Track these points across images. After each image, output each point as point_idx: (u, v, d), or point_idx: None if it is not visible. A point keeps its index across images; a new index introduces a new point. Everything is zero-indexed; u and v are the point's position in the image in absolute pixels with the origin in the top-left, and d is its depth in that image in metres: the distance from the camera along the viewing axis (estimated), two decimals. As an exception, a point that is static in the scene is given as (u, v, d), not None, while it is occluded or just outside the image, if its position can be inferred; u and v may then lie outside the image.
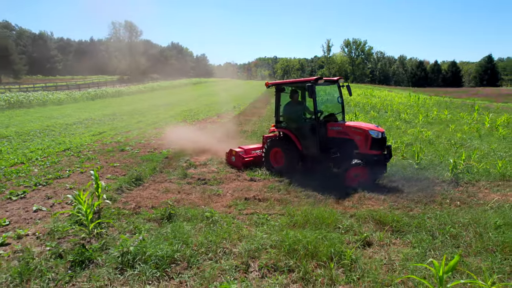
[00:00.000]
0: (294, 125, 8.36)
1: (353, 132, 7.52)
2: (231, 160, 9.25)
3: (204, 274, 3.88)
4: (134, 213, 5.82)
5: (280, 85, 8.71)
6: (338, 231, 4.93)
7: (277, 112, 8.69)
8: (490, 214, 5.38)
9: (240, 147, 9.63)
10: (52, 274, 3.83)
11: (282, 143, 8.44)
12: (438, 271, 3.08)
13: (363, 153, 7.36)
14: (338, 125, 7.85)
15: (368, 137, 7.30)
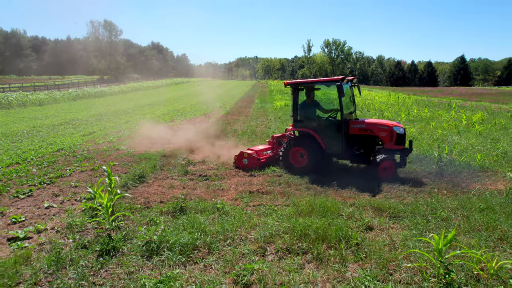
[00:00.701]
0: (315, 124, 8.48)
1: (378, 129, 8.01)
2: (242, 162, 8.99)
3: (225, 258, 4.23)
4: (146, 207, 6.08)
5: (298, 84, 8.75)
6: (342, 218, 5.37)
7: (295, 111, 8.69)
8: (474, 200, 6.00)
9: (250, 149, 9.35)
10: (84, 262, 4.07)
11: (304, 142, 8.43)
12: (438, 244, 3.56)
13: (388, 148, 7.94)
14: (361, 122, 8.23)
15: (393, 133, 7.87)
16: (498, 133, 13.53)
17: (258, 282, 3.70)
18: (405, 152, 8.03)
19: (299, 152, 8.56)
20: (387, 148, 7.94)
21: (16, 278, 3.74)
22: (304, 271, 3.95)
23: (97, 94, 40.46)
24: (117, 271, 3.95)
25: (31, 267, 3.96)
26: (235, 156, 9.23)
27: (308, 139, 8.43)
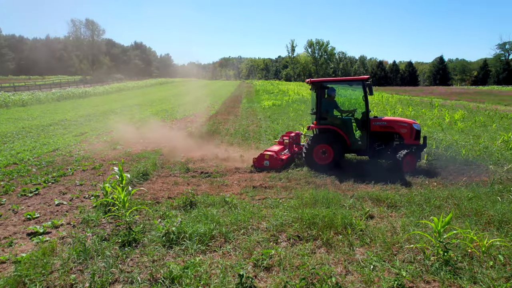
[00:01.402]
0: (339, 122, 8.77)
1: (399, 126, 8.57)
2: (262, 164, 8.81)
3: (242, 245, 4.55)
4: (156, 202, 6.32)
5: (323, 82, 8.92)
6: (344, 208, 5.78)
7: (319, 109, 8.81)
8: (463, 190, 6.55)
9: (269, 150, 9.13)
10: (109, 252, 4.31)
11: (330, 139, 8.64)
12: (437, 226, 3.99)
13: (408, 143, 8.48)
14: (381, 120, 8.70)
15: (412, 130, 8.47)
16: (479, 130, 14.32)
17: (277, 265, 4.03)
18: (421, 148, 8.61)
19: (322, 149, 8.73)
20: (407, 143, 8.49)
21: (48, 267, 3.94)
22: (316, 255, 4.32)
23: (81, 94, 39.84)
24: (142, 260, 4.20)
25: (60, 257, 4.17)
26: (253, 159, 8.97)
27: (333, 136, 8.69)
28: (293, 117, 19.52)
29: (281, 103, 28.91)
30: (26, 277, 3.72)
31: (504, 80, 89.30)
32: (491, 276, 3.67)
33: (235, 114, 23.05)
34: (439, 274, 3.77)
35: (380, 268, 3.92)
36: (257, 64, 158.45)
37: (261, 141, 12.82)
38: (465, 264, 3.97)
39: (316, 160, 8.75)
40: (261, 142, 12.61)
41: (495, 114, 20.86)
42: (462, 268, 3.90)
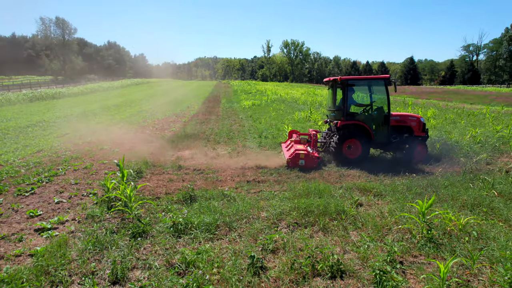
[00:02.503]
0: (363, 117, 9.35)
1: (410, 120, 9.53)
2: (297, 163, 8.72)
3: (246, 233, 4.91)
4: (156, 198, 6.57)
5: (349, 80, 9.34)
6: (335, 197, 6.26)
7: (345, 106, 9.25)
8: (439, 179, 7.24)
9: (300, 149, 9.09)
10: (122, 242, 4.56)
11: (357, 134, 9.14)
12: (422, 208, 4.53)
13: (417, 135, 9.45)
14: (396, 115, 9.55)
15: (421, 123, 9.50)
16: (449, 126, 15.33)
17: (282, 248, 4.43)
18: (425, 138, 9.61)
19: (349, 144, 9.20)
20: (416, 135, 9.43)
21: (67, 258, 4.15)
22: (315, 238, 4.76)
23: (55, 95, 38.68)
24: (155, 248, 4.49)
25: (76, 249, 4.38)
26: (288, 159, 8.82)
27: (361, 130, 9.22)
28: (275, 116, 20.02)
29: (260, 102, 29.40)
30: (48, 266, 3.93)
31: (469, 80, 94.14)
32: (467, 248, 4.23)
33: (216, 114, 23.30)
34: (424, 249, 4.31)
35: (373, 247, 4.41)
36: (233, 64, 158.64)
37: (247, 140, 13.19)
38: (445, 240, 4.53)
39: (346, 155, 9.18)
40: (247, 141, 12.98)
41: (462, 111, 22.22)
42: (443, 243, 4.46)
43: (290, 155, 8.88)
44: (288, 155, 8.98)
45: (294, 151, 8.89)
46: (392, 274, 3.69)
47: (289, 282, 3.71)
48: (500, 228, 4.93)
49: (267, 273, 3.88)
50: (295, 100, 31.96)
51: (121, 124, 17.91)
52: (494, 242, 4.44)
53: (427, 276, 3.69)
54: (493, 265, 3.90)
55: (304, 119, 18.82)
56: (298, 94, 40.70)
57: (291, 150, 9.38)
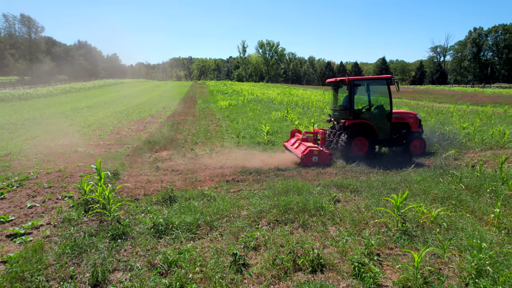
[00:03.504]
0: (368, 115, 9.72)
1: (408, 116, 10.24)
2: (311, 160, 8.91)
3: (227, 231, 4.95)
4: (134, 199, 6.48)
5: (355, 81, 9.66)
6: (313, 195, 6.40)
7: (352, 105, 9.58)
8: (412, 175, 7.55)
9: (313, 147, 9.24)
10: (102, 245, 4.49)
11: (364, 131, 9.55)
12: (396, 202, 4.73)
13: (414, 131, 10.19)
14: (395, 112, 10.05)
15: (417, 119, 10.26)
16: (419, 124, 15.95)
17: (263, 245, 4.50)
18: (421, 134, 10.38)
19: (356, 141, 9.56)
20: (414, 131, 10.10)
21: (43, 263, 4.04)
22: (295, 235, 4.86)
23: (22, 96, 37.06)
24: (136, 250, 4.45)
25: (53, 253, 4.27)
26: (302, 155, 8.95)
27: (367, 128, 9.62)
28: (252, 116, 20.13)
29: (237, 103, 29.42)
30: (23, 272, 3.81)
31: (437, 80, 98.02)
32: (438, 239, 4.46)
33: (193, 115, 23.12)
34: (399, 241, 4.51)
35: (351, 241, 4.56)
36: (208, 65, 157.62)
37: (225, 140, 13.20)
38: (418, 232, 4.76)
39: (355, 151, 9.54)
40: (225, 141, 12.99)
41: (432, 110, 23.17)
42: (417, 235, 4.68)
43: (303, 152, 9.08)
44: (301, 152, 9.17)
45: (307, 148, 9.06)
46: (369, 266, 3.84)
47: (271, 278, 3.79)
48: (468, 219, 5.23)
49: (249, 269, 3.94)
50: (272, 100, 32.20)
51: (95, 126, 17.44)
52: (462, 232, 4.71)
53: (402, 266, 3.87)
54: (461, 253, 4.14)
55: (281, 118, 19.02)
56: (274, 94, 41.01)
57: (300, 148, 9.63)
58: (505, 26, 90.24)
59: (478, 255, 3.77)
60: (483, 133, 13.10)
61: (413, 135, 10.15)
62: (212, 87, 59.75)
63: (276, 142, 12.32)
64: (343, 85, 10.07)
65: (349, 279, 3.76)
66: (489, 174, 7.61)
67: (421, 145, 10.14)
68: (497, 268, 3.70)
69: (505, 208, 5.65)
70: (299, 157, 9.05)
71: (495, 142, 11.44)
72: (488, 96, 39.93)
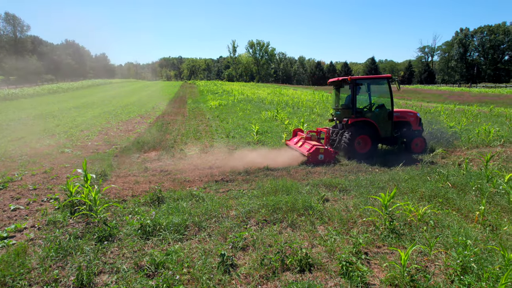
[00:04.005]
0: (370, 114, 9.88)
1: (409, 115, 10.44)
2: (317, 158, 9.07)
3: (216, 231, 4.92)
4: (122, 201, 6.39)
5: (358, 80, 9.77)
6: (302, 194, 6.40)
7: (354, 104, 9.73)
8: (400, 174, 7.61)
9: (319, 145, 9.36)
10: (88, 247, 4.41)
11: (367, 130, 9.69)
12: (384, 200, 4.76)
13: (415, 129, 10.40)
14: (396, 111, 10.22)
15: (417, 118, 10.47)
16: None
17: (251, 245, 4.48)
18: (421, 132, 10.61)
19: (359, 140, 9.73)
20: (414, 129, 10.30)
21: (26, 267, 3.95)
22: (284, 234, 4.85)
23: (7, 96, 36.31)
24: (122, 252, 4.38)
25: (36, 256, 4.18)
26: (308, 153, 9.07)
27: (369, 127, 9.77)
28: (242, 116, 20.09)
29: (227, 103, 29.35)
30: (5, 277, 3.72)
31: (426, 80, 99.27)
32: (425, 236, 4.50)
33: (182, 115, 22.97)
34: (387, 240, 4.54)
35: (340, 240, 4.57)
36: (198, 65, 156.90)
37: (214, 140, 13.14)
38: (406, 230, 4.80)
39: (357, 149, 9.69)
40: (215, 141, 12.92)
41: (420, 109, 23.45)
42: (404, 233, 4.72)
43: (309, 150, 9.17)
44: (306, 150, 9.26)
45: (313, 146, 9.18)
46: (357, 264, 3.86)
47: (260, 278, 3.77)
48: (454, 217, 5.29)
49: (237, 270, 3.91)
50: (262, 100, 32.19)
51: (83, 126, 17.19)
52: (449, 230, 4.77)
53: (389, 264, 3.89)
54: (447, 251, 4.19)
55: (271, 118, 19.03)
56: (264, 94, 41.02)
57: (305, 146, 9.72)
58: (490, 27, 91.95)
59: (463, 252, 3.82)
60: (469, 132, 13.30)
61: (413, 133, 10.35)
62: (202, 87, 59.47)
63: (266, 142, 12.31)
64: (345, 85, 10.27)
65: (337, 278, 3.77)
66: (475, 172, 7.73)
67: (421, 144, 10.34)
68: (481, 264, 3.75)
69: (489, 205, 5.75)
70: (305, 155, 9.21)
71: (481, 140, 11.63)
72: (474, 96, 40.61)
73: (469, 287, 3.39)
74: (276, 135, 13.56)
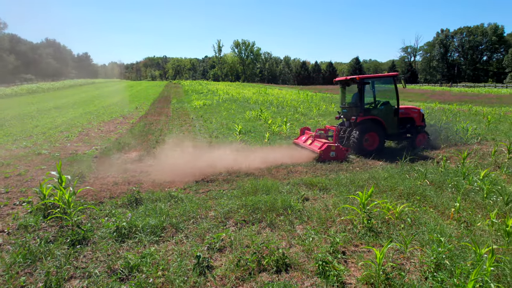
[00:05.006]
0: (377, 112, 10.14)
1: (413, 112, 10.76)
2: (329, 155, 9.18)
3: (193, 233, 4.84)
4: (99, 203, 6.23)
5: (365, 79, 10.07)
6: (282, 193, 6.38)
7: (362, 102, 9.99)
8: (380, 172, 7.68)
9: (329, 142, 9.53)
10: (59, 252, 4.26)
11: (375, 127, 9.98)
12: (362, 199, 4.77)
13: (418, 125, 10.75)
14: (401, 108, 10.51)
15: (420, 114, 10.82)
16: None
17: (229, 246, 4.43)
18: (424, 127, 10.97)
19: (366, 137, 9.98)
20: (417, 125, 10.62)
21: (-8, 273, 3.79)
22: (262, 234, 4.81)
23: (-16, 97, 35.19)
24: (96, 255, 4.25)
25: (3, 263, 4.01)
26: (320, 151, 9.19)
27: (377, 124, 10.08)
28: (226, 116, 19.98)
29: (211, 102, 29.15)
30: (-31, 284, 3.56)
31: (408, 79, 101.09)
32: (402, 234, 4.54)
33: (166, 115, 22.69)
34: (365, 238, 4.55)
35: (317, 239, 4.56)
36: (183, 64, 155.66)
37: (197, 140, 13.00)
38: (383, 228, 4.83)
39: (366, 147, 9.96)
40: (197, 141, 12.79)
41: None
42: (382, 231, 4.74)
43: (320, 147, 9.31)
44: (318, 148, 9.42)
45: (324, 144, 9.32)
46: (333, 264, 3.85)
47: (235, 279, 3.72)
48: (431, 214, 5.37)
49: (213, 272, 3.85)
50: (247, 100, 32.12)
51: (62, 127, 16.77)
52: (425, 227, 4.82)
53: (365, 263, 3.90)
54: (423, 248, 4.23)
55: (255, 118, 18.99)
56: (249, 94, 40.95)
57: (315, 144, 9.85)
58: (469, 29, 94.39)
59: (437, 249, 3.85)
60: (448, 130, 13.56)
61: (417, 129, 10.71)
62: (187, 87, 58.94)
63: (249, 142, 12.26)
64: (352, 83, 10.52)
65: (313, 278, 3.75)
66: (452, 170, 7.87)
67: (425, 138, 10.76)
68: (454, 261, 3.80)
69: (465, 202, 5.85)
70: (317, 152, 9.31)
71: (459, 138, 11.87)
72: (454, 95, 41.55)
73: (442, 283, 3.42)
74: (259, 135, 13.53)
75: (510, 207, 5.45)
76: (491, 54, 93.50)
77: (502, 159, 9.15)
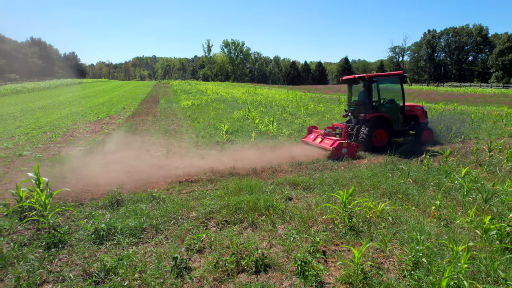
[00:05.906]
0: (384, 109, 10.55)
1: (416, 109, 11.22)
2: (341, 152, 9.30)
3: (173, 234, 4.77)
4: (79, 204, 6.10)
5: (373, 77, 10.43)
6: (266, 193, 6.35)
7: (370, 100, 10.36)
8: (364, 171, 7.71)
9: (341, 140, 9.56)
10: (33, 255, 4.15)
11: (383, 124, 10.35)
12: (343, 198, 4.77)
13: (422, 122, 11.17)
14: (406, 105, 10.86)
15: (424, 111, 11.31)
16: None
17: (208, 247, 4.37)
18: (427, 124, 11.41)
19: (375, 134, 10.33)
20: (421, 122, 10.99)
21: (-38, 279, 3.66)
22: (244, 235, 4.77)
23: (-34, 97, 34.30)
24: (71, 258, 4.15)
25: (-26, 268, 3.88)
26: (332, 148, 9.33)
27: (385, 121, 10.42)
28: (214, 116, 19.88)
29: (200, 102, 29.00)
30: None
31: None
32: (383, 233, 4.55)
33: (153, 115, 22.46)
34: (345, 237, 4.55)
35: (299, 239, 4.54)
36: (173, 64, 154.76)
37: (183, 140, 12.90)
38: (365, 227, 4.83)
39: (374, 143, 10.33)
40: (184, 141, 12.69)
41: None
42: (363, 230, 4.74)
43: (332, 144, 9.48)
44: (329, 145, 9.60)
45: (336, 141, 9.49)
46: (313, 263, 3.82)
47: (213, 281, 3.67)
48: (412, 212, 5.40)
49: (191, 273, 3.79)
50: (236, 100, 32.05)
51: (46, 128, 16.45)
52: (406, 225, 4.84)
53: (344, 263, 3.89)
54: (402, 246, 4.24)
55: (242, 117, 18.94)
56: (239, 94, 40.88)
57: (326, 141, 9.98)
58: (455, 29, 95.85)
59: (415, 247, 3.87)
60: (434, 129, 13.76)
61: (421, 125, 11.10)
62: (176, 87, 58.56)
63: (235, 141, 12.20)
64: (360, 82, 10.92)
65: (292, 278, 3.72)
66: (435, 168, 7.95)
67: (429, 134, 11.19)
68: (432, 259, 3.81)
69: (446, 200, 5.91)
70: (329, 150, 9.43)
71: (443, 137, 12.03)
72: (441, 94, 42.17)
73: (419, 281, 3.43)
74: (246, 134, 13.48)
75: (489, 205, 5.52)
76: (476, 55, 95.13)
77: (483, 157, 9.30)
